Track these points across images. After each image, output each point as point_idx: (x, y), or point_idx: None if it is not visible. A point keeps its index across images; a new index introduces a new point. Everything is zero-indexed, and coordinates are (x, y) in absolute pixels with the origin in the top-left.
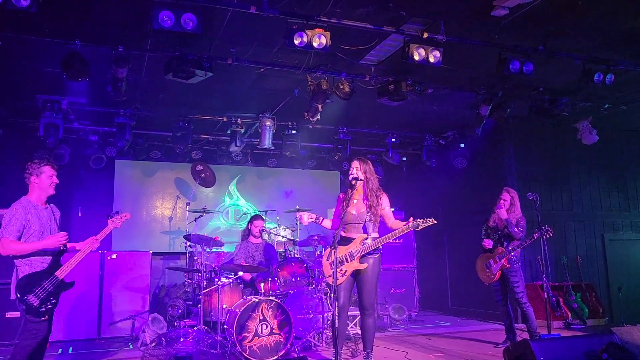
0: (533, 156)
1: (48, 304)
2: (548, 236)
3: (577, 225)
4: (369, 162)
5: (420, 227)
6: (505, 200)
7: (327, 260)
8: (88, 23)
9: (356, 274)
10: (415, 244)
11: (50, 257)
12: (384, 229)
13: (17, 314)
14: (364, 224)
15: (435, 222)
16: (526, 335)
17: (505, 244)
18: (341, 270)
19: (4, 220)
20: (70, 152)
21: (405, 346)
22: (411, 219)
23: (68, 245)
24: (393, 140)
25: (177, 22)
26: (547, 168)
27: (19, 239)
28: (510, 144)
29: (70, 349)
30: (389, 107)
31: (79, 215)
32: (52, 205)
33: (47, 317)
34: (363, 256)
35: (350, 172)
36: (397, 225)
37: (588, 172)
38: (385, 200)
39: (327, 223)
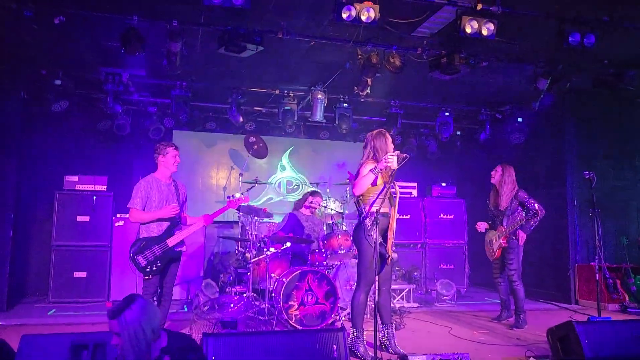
0: (596, 132)
1: (154, 266)
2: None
3: None
4: None
5: None
6: (495, 172)
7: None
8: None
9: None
10: (467, 219)
11: (166, 226)
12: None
13: (84, 274)
14: (390, 197)
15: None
16: (579, 317)
17: (505, 222)
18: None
19: (132, 194)
20: (131, 123)
21: (450, 322)
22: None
23: (188, 219)
24: (446, 114)
25: None
26: (610, 145)
27: (143, 209)
28: (571, 119)
29: None
30: (443, 80)
31: None
32: (178, 182)
33: (151, 276)
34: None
35: (392, 146)
36: None
37: None
38: None
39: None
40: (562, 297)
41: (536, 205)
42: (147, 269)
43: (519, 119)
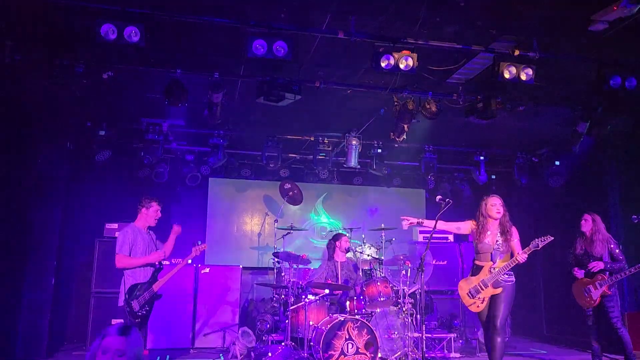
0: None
1: (143, 310)
2: None
3: None
4: None
5: (540, 246)
6: (585, 220)
7: (463, 289)
8: (188, 53)
9: (492, 297)
10: None
11: (151, 272)
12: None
13: (122, 322)
14: (492, 253)
15: (552, 237)
16: None
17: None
18: (480, 298)
19: (118, 240)
20: (169, 171)
21: None
22: (532, 243)
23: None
24: (482, 158)
25: (270, 50)
26: None
27: (129, 255)
28: (612, 161)
29: (168, 357)
30: (478, 124)
31: None
32: (151, 231)
33: (140, 320)
34: (496, 281)
35: (492, 208)
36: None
37: None
38: (515, 233)
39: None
40: (611, 348)
41: (622, 257)
42: (139, 313)
43: (557, 162)
